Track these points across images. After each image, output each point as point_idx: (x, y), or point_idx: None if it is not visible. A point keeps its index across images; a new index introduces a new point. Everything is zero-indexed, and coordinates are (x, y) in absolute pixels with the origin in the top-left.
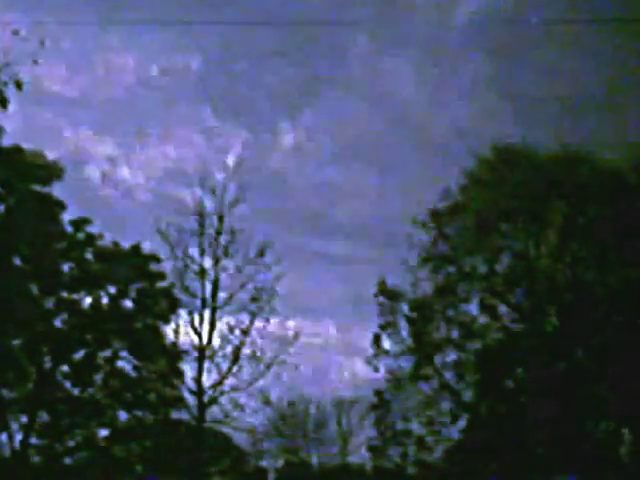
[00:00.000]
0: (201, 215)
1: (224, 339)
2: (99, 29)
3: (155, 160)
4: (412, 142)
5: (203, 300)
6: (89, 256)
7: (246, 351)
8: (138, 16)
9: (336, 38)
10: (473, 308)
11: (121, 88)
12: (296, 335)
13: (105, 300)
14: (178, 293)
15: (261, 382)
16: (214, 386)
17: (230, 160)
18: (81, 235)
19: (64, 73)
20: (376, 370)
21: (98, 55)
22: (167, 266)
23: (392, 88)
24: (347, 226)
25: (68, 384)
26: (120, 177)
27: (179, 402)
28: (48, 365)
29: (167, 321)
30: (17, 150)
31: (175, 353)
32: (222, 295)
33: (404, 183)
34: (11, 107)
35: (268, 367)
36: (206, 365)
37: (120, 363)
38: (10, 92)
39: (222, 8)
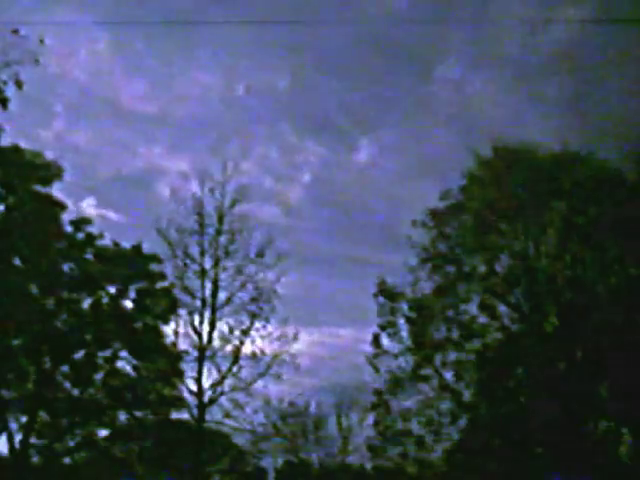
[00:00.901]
0: (201, 215)
1: (224, 339)
2: (188, 49)
3: (229, 176)
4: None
5: (203, 300)
6: (89, 256)
7: (246, 351)
8: None
9: (424, 58)
10: (473, 308)
11: (203, 106)
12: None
13: (105, 300)
14: (178, 293)
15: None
16: (214, 386)
17: (306, 176)
18: (81, 235)
19: (146, 90)
20: (376, 370)
21: (184, 73)
22: (167, 266)
23: (474, 109)
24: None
25: (68, 384)
26: (191, 193)
27: (179, 402)
28: (48, 365)
29: (167, 321)
30: (17, 150)
31: (175, 353)
32: (222, 295)
33: None
34: (86, 121)
35: (268, 367)
36: (206, 365)
37: (120, 363)
38: (89, 108)
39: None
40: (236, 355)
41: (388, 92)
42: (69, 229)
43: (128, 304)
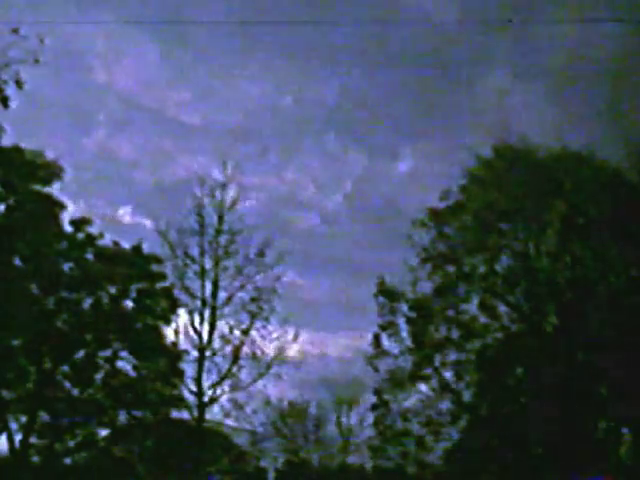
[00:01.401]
0: (201, 215)
1: (224, 339)
2: (238, 58)
3: (270, 185)
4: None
5: (203, 300)
6: (89, 256)
7: (246, 351)
8: None
9: (471, 70)
10: (473, 308)
11: (248, 116)
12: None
13: (105, 300)
14: (178, 293)
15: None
16: (214, 386)
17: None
18: (81, 235)
19: (191, 100)
20: (376, 370)
21: (231, 83)
22: (168, 266)
23: (517, 120)
24: None
25: (68, 384)
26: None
27: (179, 402)
28: (48, 365)
29: (167, 321)
30: (17, 150)
31: (175, 353)
32: (222, 295)
33: None
34: (129, 130)
35: (269, 367)
36: (206, 365)
37: (120, 363)
38: (133, 117)
39: None
40: (236, 355)
41: (432, 102)
42: (69, 229)
43: (128, 304)
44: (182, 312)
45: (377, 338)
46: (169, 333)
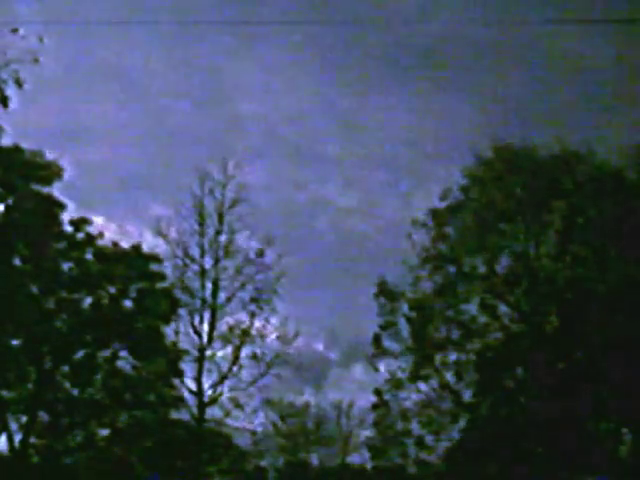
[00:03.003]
0: (201, 215)
1: (224, 339)
2: (380, 91)
3: (390, 212)
4: None
5: (203, 300)
6: (89, 256)
7: (246, 351)
8: None
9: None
10: (473, 308)
11: (383, 146)
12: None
13: (105, 300)
14: (178, 293)
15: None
16: (214, 386)
17: None
18: (81, 235)
19: (331, 131)
20: (376, 370)
21: (374, 115)
22: (168, 266)
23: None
24: None
25: (68, 384)
26: (351, 227)
27: (179, 402)
28: (48, 365)
29: (167, 321)
30: (17, 149)
31: (175, 353)
32: (222, 295)
33: None
34: (262, 159)
35: (269, 367)
36: (206, 365)
37: (120, 363)
38: (270, 148)
39: None
40: (236, 355)
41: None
42: (69, 229)
43: (128, 304)
44: (182, 312)
45: (377, 338)
46: (169, 333)
